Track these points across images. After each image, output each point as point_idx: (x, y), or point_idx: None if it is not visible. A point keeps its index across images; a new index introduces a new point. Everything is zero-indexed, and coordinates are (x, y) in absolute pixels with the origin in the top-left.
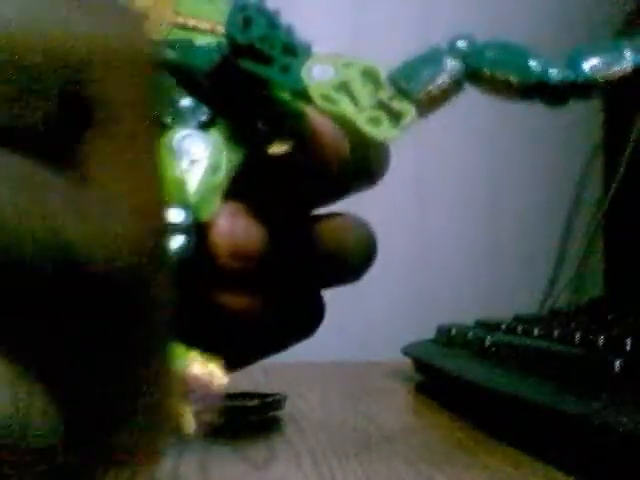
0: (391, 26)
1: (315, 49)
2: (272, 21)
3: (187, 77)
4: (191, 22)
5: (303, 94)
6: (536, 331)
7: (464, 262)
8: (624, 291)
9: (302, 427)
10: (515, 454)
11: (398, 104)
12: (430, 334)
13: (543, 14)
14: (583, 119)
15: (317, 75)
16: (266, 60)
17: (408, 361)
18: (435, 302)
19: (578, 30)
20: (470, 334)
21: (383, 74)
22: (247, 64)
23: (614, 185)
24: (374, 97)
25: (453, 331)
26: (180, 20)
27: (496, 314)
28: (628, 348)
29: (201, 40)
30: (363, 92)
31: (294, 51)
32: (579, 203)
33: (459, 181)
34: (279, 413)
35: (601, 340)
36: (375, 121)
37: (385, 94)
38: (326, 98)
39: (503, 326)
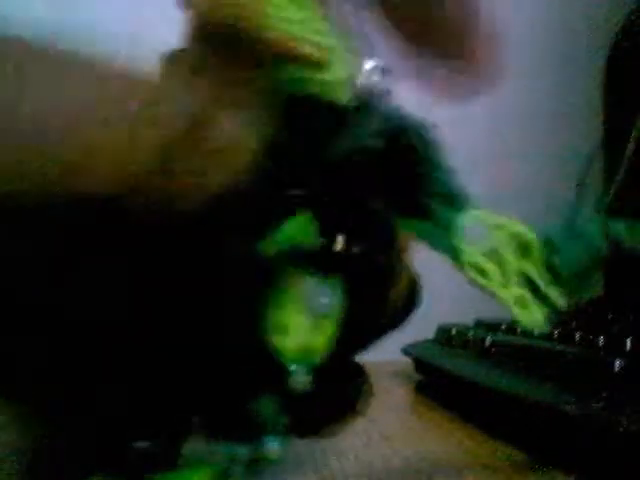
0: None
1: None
2: (435, 156)
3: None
4: (292, 45)
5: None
6: (536, 331)
7: None
8: (624, 291)
9: None
10: (515, 454)
11: (551, 291)
12: (430, 334)
13: (543, 14)
14: (583, 119)
15: (470, 235)
16: (418, 204)
17: (408, 361)
18: (435, 302)
19: (578, 30)
20: (470, 334)
21: (538, 248)
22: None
23: (614, 185)
24: (522, 269)
25: (453, 331)
26: (282, 43)
27: (496, 314)
28: (628, 348)
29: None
30: (512, 262)
31: (453, 200)
32: (579, 203)
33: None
34: None
35: (601, 340)
36: (522, 303)
37: (537, 272)
38: (476, 267)
39: (503, 326)
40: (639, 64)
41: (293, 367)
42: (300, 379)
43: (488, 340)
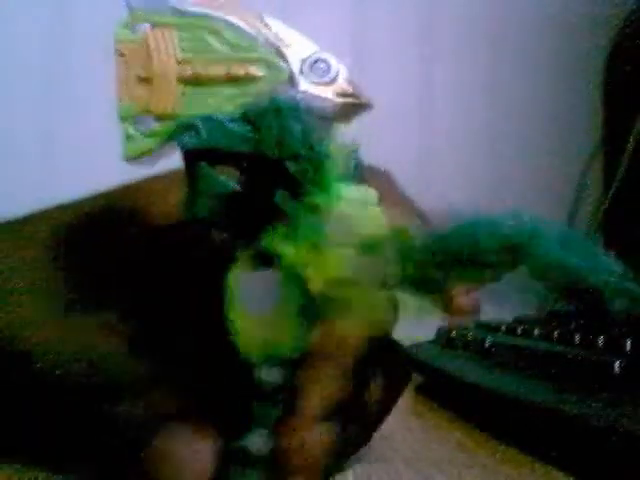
0: (391, 26)
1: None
2: (308, 133)
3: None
4: (201, 70)
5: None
6: (536, 332)
7: None
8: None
9: None
10: (515, 454)
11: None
12: (430, 334)
13: (543, 14)
14: (583, 119)
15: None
16: (294, 186)
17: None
18: None
19: (578, 30)
20: (470, 335)
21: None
22: (280, 196)
23: (614, 185)
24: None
25: (453, 332)
26: (188, 72)
27: (496, 315)
28: (628, 348)
29: (218, 94)
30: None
31: (323, 180)
32: (579, 203)
33: (459, 181)
34: None
35: (601, 340)
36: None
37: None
38: (338, 283)
39: (503, 327)
40: (639, 64)
41: (259, 361)
42: (269, 372)
43: (488, 341)
